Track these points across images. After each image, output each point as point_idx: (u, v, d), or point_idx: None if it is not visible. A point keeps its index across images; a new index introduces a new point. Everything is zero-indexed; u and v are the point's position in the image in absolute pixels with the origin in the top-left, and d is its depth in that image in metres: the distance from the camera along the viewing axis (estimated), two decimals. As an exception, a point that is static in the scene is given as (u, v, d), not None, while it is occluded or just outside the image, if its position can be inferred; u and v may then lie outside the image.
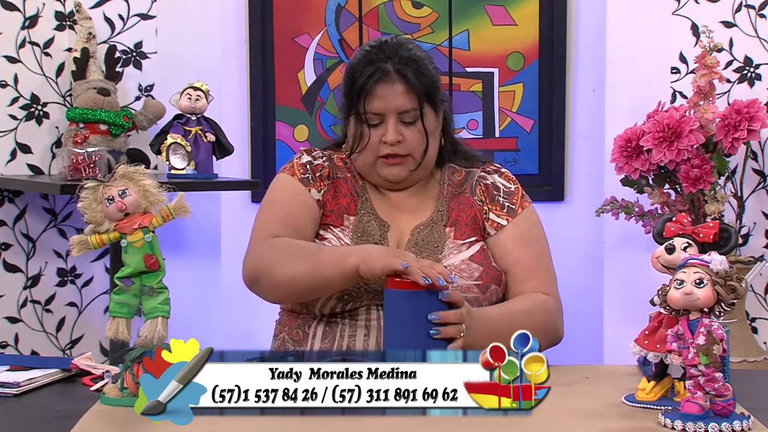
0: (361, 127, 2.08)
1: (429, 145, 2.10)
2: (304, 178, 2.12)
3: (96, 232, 1.69)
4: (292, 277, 1.93)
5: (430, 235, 2.09)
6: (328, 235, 2.08)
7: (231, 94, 3.46)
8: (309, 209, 2.09)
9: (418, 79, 2.06)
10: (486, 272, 2.06)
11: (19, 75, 3.25)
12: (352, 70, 2.09)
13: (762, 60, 3.32)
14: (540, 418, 1.63)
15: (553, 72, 3.48)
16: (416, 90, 2.06)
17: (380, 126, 2.08)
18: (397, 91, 2.06)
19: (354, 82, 2.07)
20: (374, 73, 2.05)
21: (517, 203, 2.15)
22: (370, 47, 2.11)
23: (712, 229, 1.68)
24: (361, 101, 2.06)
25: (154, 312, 1.68)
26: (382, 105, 2.06)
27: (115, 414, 1.62)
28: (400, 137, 2.07)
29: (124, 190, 1.68)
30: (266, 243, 2.01)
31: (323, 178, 2.13)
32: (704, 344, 1.49)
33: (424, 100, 2.07)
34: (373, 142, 2.08)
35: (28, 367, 1.88)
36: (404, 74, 2.06)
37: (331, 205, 2.11)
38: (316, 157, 2.16)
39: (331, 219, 2.10)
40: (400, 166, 2.09)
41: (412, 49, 2.11)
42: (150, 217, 1.69)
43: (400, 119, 2.07)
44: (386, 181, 2.12)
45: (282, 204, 2.09)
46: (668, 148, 3.00)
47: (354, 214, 2.11)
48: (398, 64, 2.06)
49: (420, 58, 2.09)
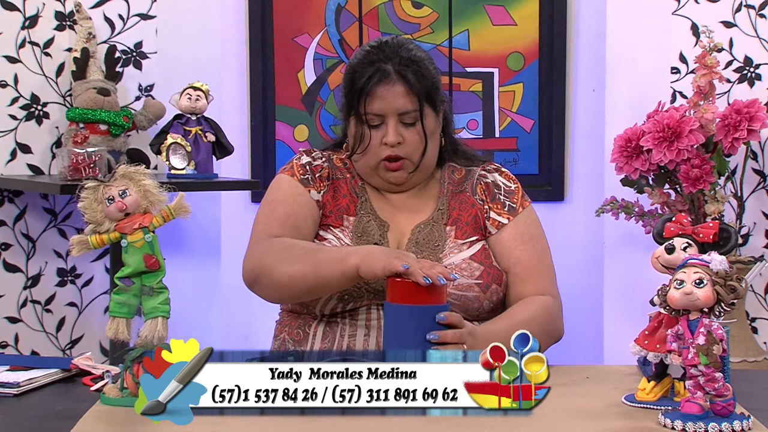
0: (361, 128, 2.08)
1: (428, 147, 2.10)
2: (303, 179, 2.12)
3: (96, 232, 1.69)
4: (291, 277, 1.93)
5: (431, 234, 2.09)
6: (328, 235, 2.08)
7: (231, 94, 3.46)
8: (309, 209, 2.09)
9: (419, 81, 2.06)
10: (487, 271, 2.06)
11: (19, 75, 3.25)
12: (353, 71, 2.09)
13: (762, 60, 3.32)
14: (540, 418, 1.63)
15: (553, 72, 3.48)
16: (416, 91, 2.06)
17: (380, 127, 2.07)
18: (398, 92, 2.06)
19: (354, 82, 2.07)
20: (375, 74, 2.05)
21: (517, 202, 2.15)
22: (370, 47, 2.11)
23: (712, 229, 1.68)
24: (361, 102, 2.06)
25: (154, 312, 1.68)
26: (382, 106, 2.06)
27: (115, 414, 1.62)
28: (401, 138, 2.07)
29: (124, 190, 1.68)
30: (266, 243, 2.01)
31: (323, 179, 2.13)
32: (704, 344, 1.49)
33: (424, 101, 2.07)
34: (373, 143, 2.08)
35: (28, 367, 1.88)
36: (404, 75, 2.06)
37: (331, 205, 2.11)
38: (315, 157, 2.16)
39: (331, 219, 2.10)
40: (400, 171, 2.10)
41: (412, 49, 2.10)
42: (150, 217, 1.69)
43: (400, 120, 2.07)
44: (388, 183, 2.13)
45: (282, 204, 2.09)
46: (668, 148, 3.00)
47: (354, 215, 2.11)
48: (399, 65, 2.06)
49: (420, 59, 2.09)
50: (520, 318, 1.99)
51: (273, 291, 1.99)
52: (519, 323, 1.97)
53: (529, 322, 1.98)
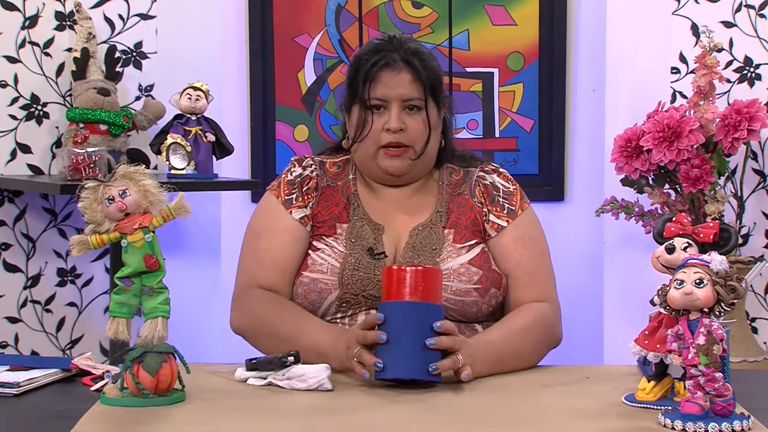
0: (364, 114, 2.07)
1: (431, 137, 2.09)
2: (287, 200, 2.12)
3: (96, 232, 1.69)
4: (273, 352, 1.95)
5: (429, 237, 2.07)
6: (321, 245, 2.08)
7: (231, 94, 3.46)
8: (290, 232, 2.09)
9: (425, 70, 2.07)
10: (486, 276, 2.05)
11: (19, 75, 3.25)
12: (358, 60, 2.10)
13: (762, 60, 3.32)
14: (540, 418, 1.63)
15: (553, 72, 3.48)
16: (422, 79, 2.06)
17: (383, 113, 2.07)
18: (403, 80, 2.06)
19: (359, 69, 2.08)
20: (380, 59, 2.06)
21: (516, 204, 2.14)
22: (378, 40, 2.13)
23: (712, 229, 1.68)
24: (366, 87, 2.06)
25: (154, 312, 1.68)
26: (386, 91, 2.06)
27: (115, 414, 1.62)
28: (403, 125, 2.06)
29: (124, 190, 1.68)
30: (248, 304, 2.06)
31: (311, 191, 2.13)
32: (704, 344, 1.49)
33: (429, 92, 2.07)
34: (375, 129, 2.07)
35: (28, 367, 1.88)
36: (411, 63, 2.06)
37: (323, 215, 2.11)
38: (306, 166, 2.16)
39: (324, 229, 2.09)
40: (401, 158, 2.08)
41: (418, 45, 2.13)
42: (150, 217, 1.69)
43: (404, 107, 2.06)
44: (386, 173, 2.11)
45: (263, 237, 2.11)
46: (668, 148, 3.00)
47: (346, 221, 2.10)
48: (405, 54, 2.07)
49: (427, 52, 2.12)
50: (516, 328, 1.99)
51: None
52: (515, 332, 1.98)
53: (526, 332, 1.99)
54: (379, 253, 2.04)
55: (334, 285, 2.02)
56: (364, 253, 2.04)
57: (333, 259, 2.04)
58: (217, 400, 1.70)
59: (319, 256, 2.06)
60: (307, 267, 2.06)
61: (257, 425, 1.58)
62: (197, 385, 1.75)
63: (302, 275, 2.05)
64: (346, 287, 2.01)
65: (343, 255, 2.04)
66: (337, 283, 2.02)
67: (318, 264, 2.05)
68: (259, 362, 1.82)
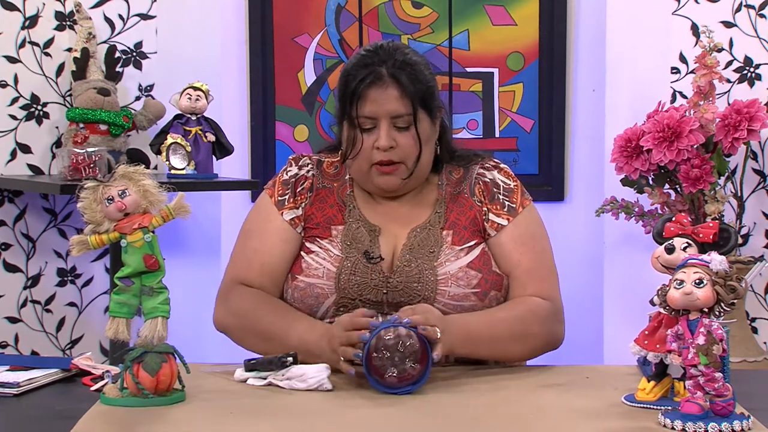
0: (354, 132, 2.05)
1: (422, 152, 2.05)
2: (279, 201, 2.11)
3: (96, 232, 1.69)
4: (256, 352, 1.98)
5: (427, 239, 2.05)
6: (315, 247, 2.06)
7: (231, 94, 3.46)
8: (280, 234, 2.09)
9: (413, 84, 2.02)
10: (485, 278, 2.03)
11: (19, 75, 3.25)
12: (346, 74, 2.06)
13: (762, 60, 3.32)
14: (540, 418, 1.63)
15: (553, 72, 3.48)
16: (410, 94, 2.01)
17: (373, 131, 2.03)
18: (391, 96, 2.01)
19: (347, 85, 2.04)
20: (367, 76, 2.01)
21: (517, 202, 2.11)
22: (365, 51, 2.07)
23: (712, 229, 1.68)
24: (353, 105, 2.02)
25: (154, 312, 1.68)
26: (374, 109, 2.02)
27: (115, 414, 1.62)
28: (393, 143, 2.02)
29: (124, 190, 1.68)
30: (233, 301, 2.07)
31: (305, 192, 2.12)
32: (704, 344, 1.49)
33: (419, 105, 2.03)
34: (365, 147, 2.03)
35: (28, 367, 1.88)
36: (398, 78, 2.01)
37: (317, 217, 2.09)
38: (303, 165, 2.15)
39: (318, 231, 2.08)
40: (393, 175, 2.05)
41: (408, 53, 2.06)
42: (150, 217, 1.69)
43: (394, 124, 2.02)
44: (380, 190, 2.09)
45: (254, 236, 2.12)
46: (668, 148, 3.00)
47: (342, 223, 2.08)
48: (392, 68, 2.02)
49: (416, 63, 2.05)
50: (499, 316, 1.99)
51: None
52: (497, 318, 1.97)
53: (509, 320, 1.98)
54: (375, 257, 2.03)
55: (331, 290, 2.01)
56: (360, 257, 2.02)
57: (329, 263, 2.03)
58: (217, 400, 1.70)
59: (313, 259, 2.05)
60: (302, 271, 2.04)
61: (257, 425, 1.58)
62: (197, 385, 1.76)
63: (298, 279, 2.04)
64: (343, 292, 2.00)
65: (339, 259, 2.03)
66: (334, 288, 2.01)
67: (313, 268, 2.04)
68: (258, 362, 1.82)
